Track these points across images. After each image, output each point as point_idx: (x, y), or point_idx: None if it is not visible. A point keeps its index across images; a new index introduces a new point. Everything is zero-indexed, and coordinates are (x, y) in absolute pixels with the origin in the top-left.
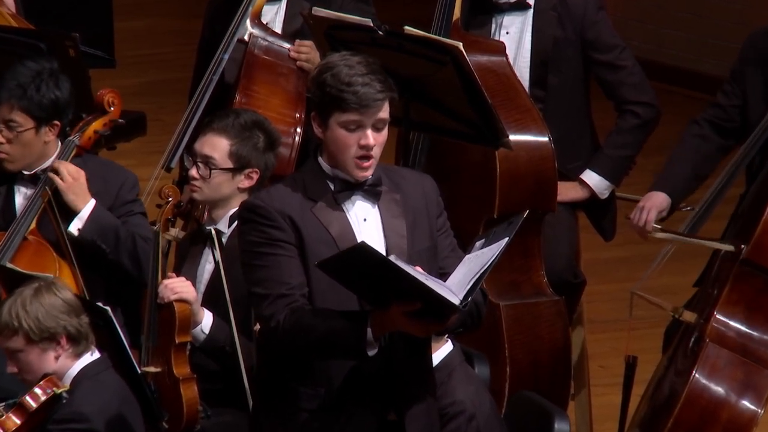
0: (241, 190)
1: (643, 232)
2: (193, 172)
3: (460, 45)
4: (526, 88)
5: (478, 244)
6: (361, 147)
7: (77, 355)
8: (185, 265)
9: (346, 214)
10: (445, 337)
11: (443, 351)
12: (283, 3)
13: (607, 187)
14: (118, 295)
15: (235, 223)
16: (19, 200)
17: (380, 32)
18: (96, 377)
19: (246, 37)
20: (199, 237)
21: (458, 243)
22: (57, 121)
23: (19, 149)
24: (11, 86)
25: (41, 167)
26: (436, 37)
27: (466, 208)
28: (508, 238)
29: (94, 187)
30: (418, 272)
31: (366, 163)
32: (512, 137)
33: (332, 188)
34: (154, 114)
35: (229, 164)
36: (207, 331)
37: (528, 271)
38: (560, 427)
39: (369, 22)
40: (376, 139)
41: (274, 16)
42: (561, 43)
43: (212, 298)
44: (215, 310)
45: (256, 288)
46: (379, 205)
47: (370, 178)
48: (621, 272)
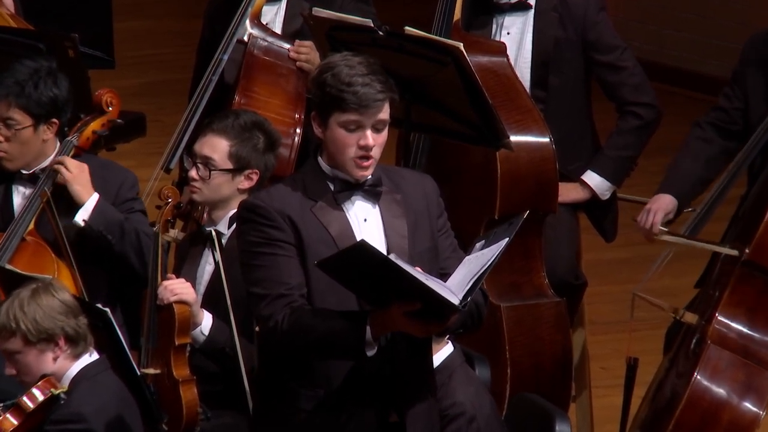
0: (241, 191)
1: (650, 235)
2: (193, 173)
3: (461, 45)
4: (527, 89)
5: (479, 245)
6: (361, 147)
7: (76, 357)
8: (185, 267)
9: (346, 214)
10: (446, 338)
11: (444, 352)
12: (283, 3)
13: (609, 188)
14: (119, 294)
15: (235, 224)
16: (17, 200)
17: (381, 33)
18: (94, 378)
19: (245, 38)
20: (199, 238)
21: (459, 244)
22: (55, 120)
23: (17, 147)
24: (9, 84)
25: (40, 166)
26: (437, 38)
27: (467, 209)
28: (508, 239)
29: (94, 186)
30: (417, 272)
31: (365, 163)
32: (513, 138)
33: (332, 188)
34: (154, 115)
35: (229, 165)
36: (207, 333)
37: (529, 272)
38: (561, 428)
39: (369, 22)
40: (375, 139)
41: (274, 16)
42: (562, 44)
43: (212, 299)
44: (215, 312)
45: (255, 288)
46: (379, 206)
47: (370, 178)
48: (622, 273)
